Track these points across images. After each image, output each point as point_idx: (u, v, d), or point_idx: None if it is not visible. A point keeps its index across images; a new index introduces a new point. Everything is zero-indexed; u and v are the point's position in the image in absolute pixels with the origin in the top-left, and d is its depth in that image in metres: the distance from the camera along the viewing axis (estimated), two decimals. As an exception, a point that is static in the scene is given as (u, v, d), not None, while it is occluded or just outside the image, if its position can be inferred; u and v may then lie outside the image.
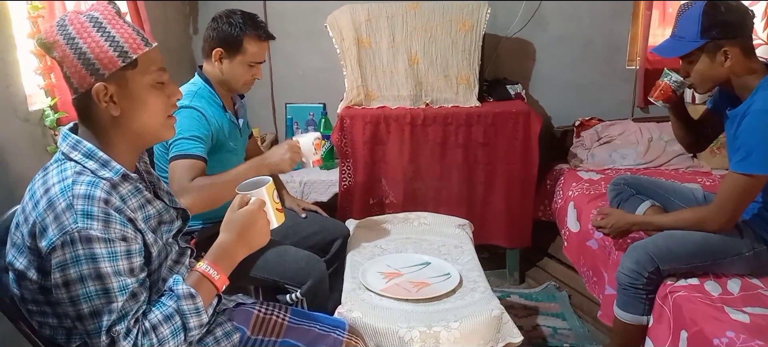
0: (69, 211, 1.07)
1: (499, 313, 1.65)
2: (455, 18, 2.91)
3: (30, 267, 1.14)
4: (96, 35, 1.14)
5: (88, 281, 1.08)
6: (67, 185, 1.10)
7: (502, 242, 2.98)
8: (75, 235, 1.07)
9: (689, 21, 1.81)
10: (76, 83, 1.15)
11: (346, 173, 2.86)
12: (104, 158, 1.17)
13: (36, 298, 1.18)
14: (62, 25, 1.15)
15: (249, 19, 2.00)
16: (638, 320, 1.97)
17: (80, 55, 1.13)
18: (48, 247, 1.07)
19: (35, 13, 1.98)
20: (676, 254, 1.92)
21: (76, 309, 1.09)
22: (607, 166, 3.07)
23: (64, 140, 1.18)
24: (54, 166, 1.17)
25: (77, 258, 1.07)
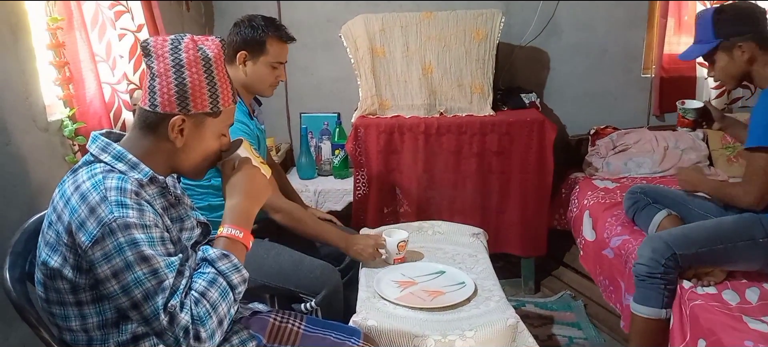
0: (104, 203, 1.10)
1: (514, 322, 1.64)
2: (469, 27, 2.92)
3: (65, 265, 1.15)
4: (202, 74, 1.20)
5: (135, 266, 1.10)
6: (98, 180, 1.13)
7: (517, 251, 2.97)
8: (114, 225, 1.09)
9: (704, 25, 2.01)
10: (159, 101, 1.19)
11: (360, 182, 2.87)
12: (133, 161, 1.20)
13: (63, 299, 1.19)
14: (176, 47, 1.19)
15: (270, 21, 2.07)
16: (657, 313, 1.95)
17: (179, 84, 1.19)
18: (89, 241, 1.09)
19: (54, 25, 2.01)
20: (691, 239, 1.95)
21: (130, 297, 1.11)
22: (622, 175, 3.05)
23: (94, 142, 1.21)
24: (83, 167, 1.20)
25: (120, 246, 1.09)
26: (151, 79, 1.19)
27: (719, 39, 1.96)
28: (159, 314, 1.10)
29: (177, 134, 1.21)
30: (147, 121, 1.22)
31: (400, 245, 2.01)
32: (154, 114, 1.20)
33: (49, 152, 2.02)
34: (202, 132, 1.25)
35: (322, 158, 3.25)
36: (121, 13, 2.41)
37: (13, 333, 1.76)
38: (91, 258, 1.10)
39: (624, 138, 3.23)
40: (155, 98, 1.19)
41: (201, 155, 1.29)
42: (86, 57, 2.10)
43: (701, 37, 2.03)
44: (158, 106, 1.19)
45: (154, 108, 1.20)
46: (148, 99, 1.20)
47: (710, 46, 1.98)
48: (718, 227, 1.98)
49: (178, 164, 1.27)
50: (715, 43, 1.97)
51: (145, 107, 1.21)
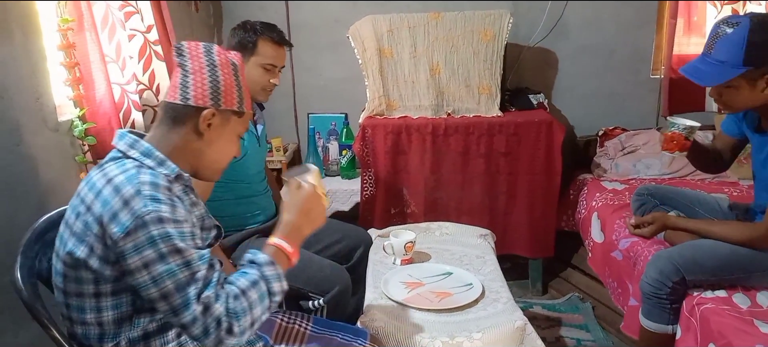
0: (138, 196, 1.13)
1: (522, 324, 1.64)
2: (477, 28, 2.92)
3: (91, 255, 1.16)
4: (231, 76, 1.29)
5: (167, 257, 1.13)
6: (132, 175, 1.16)
7: (525, 252, 2.96)
8: (147, 218, 1.12)
9: (731, 45, 1.71)
10: (192, 94, 1.25)
11: (367, 182, 2.87)
12: (161, 157, 1.24)
13: (81, 290, 1.20)
14: (209, 51, 1.28)
15: (265, 24, 2.06)
16: (663, 329, 1.94)
17: (213, 80, 1.26)
18: (122, 232, 1.11)
19: (65, 26, 2.02)
20: (702, 266, 1.88)
21: (160, 287, 1.13)
22: (631, 176, 3.04)
23: (122, 139, 1.25)
24: (111, 162, 1.23)
25: (152, 239, 1.12)
26: (183, 75, 1.25)
27: (748, 67, 1.69)
28: (190, 304, 1.13)
29: (206, 126, 1.26)
30: (175, 114, 1.26)
31: (408, 246, 2.01)
32: (185, 107, 1.25)
33: (59, 152, 2.04)
34: (226, 129, 1.31)
35: (329, 159, 3.25)
36: (130, 14, 2.42)
37: (23, 332, 1.78)
38: (121, 249, 1.12)
39: (633, 139, 3.21)
40: (188, 92, 1.25)
41: (222, 154, 1.34)
42: (96, 58, 2.11)
43: (723, 58, 1.72)
44: (191, 99, 1.25)
45: (185, 101, 1.25)
46: (180, 94, 1.25)
47: (737, 72, 1.70)
48: (732, 256, 1.86)
49: (200, 161, 1.31)
50: (742, 70, 1.70)
51: (176, 101, 1.25)
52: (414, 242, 2.02)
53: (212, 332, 1.14)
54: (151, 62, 2.55)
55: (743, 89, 1.75)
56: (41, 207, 1.86)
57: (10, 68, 1.82)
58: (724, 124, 2.12)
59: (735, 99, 1.80)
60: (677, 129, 1.98)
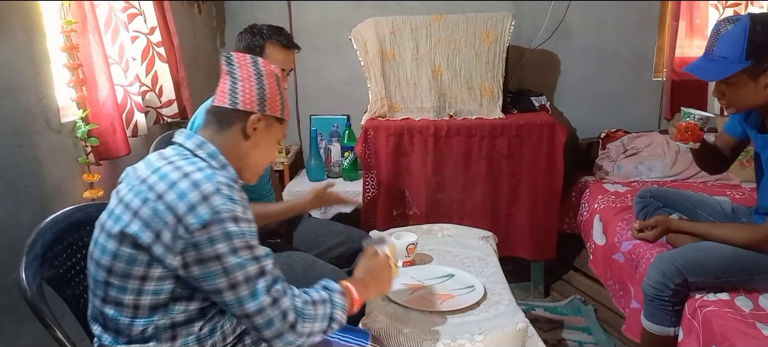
0: (217, 194, 1.20)
1: (524, 326, 1.64)
2: (479, 30, 2.92)
3: (157, 242, 1.20)
4: (274, 85, 1.39)
5: (239, 251, 1.21)
6: (209, 174, 1.24)
7: (527, 254, 2.96)
8: (224, 214, 1.20)
9: (732, 41, 1.71)
10: (241, 99, 1.34)
11: (369, 184, 2.88)
12: (224, 162, 1.34)
13: (130, 272, 1.23)
14: (255, 61, 1.38)
15: (272, 28, 2.07)
16: (665, 331, 1.94)
17: (260, 88, 1.36)
18: (199, 224, 1.18)
19: (68, 28, 2.03)
20: (705, 268, 1.88)
21: (230, 277, 1.21)
22: (633, 178, 3.03)
23: (189, 138, 1.34)
24: (179, 157, 1.29)
25: (227, 233, 1.20)
26: (232, 82, 1.35)
27: (750, 61, 1.69)
28: (259, 295, 1.23)
29: (252, 130, 1.35)
30: (224, 117, 1.35)
31: (409, 248, 2.01)
32: (234, 111, 1.34)
33: (62, 153, 2.04)
34: (269, 134, 1.40)
35: (331, 160, 3.26)
36: (134, 16, 2.43)
37: (25, 333, 1.78)
38: (195, 240, 1.19)
39: (635, 142, 3.21)
40: (237, 97, 1.34)
41: (263, 157, 1.44)
42: (99, 59, 2.12)
43: (724, 54, 1.73)
44: (239, 104, 1.34)
45: (234, 105, 1.34)
46: (229, 99, 1.34)
47: (738, 67, 1.70)
48: (735, 258, 1.86)
49: (244, 162, 1.39)
50: (745, 65, 1.69)
51: (225, 105, 1.34)
52: (416, 244, 2.03)
53: (276, 323, 1.24)
54: (154, 64, 2.56)
55: (746, 86, 1.75)
56: (45, 208, 1.87)
57: (14, 69, 1.83)
58: (726, 124, 2.11)
59: (738, 97, 1.79)
60: (692, 119, 1.94)
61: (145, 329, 1.26)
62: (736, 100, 1.81)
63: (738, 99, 1.80)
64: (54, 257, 1.43)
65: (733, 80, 1.75)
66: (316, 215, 2.82)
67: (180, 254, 1.20)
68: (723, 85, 1.80)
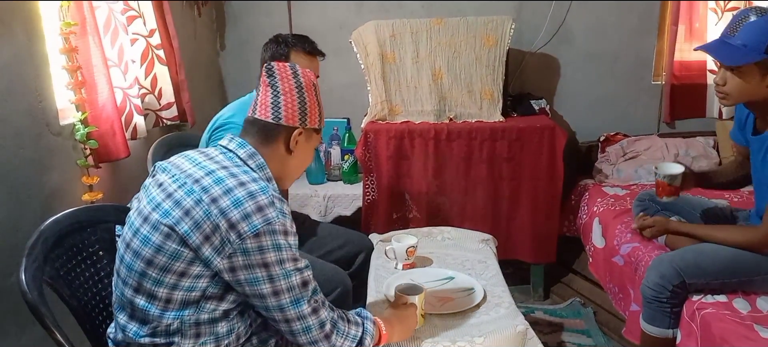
0: (271, 207, 1.26)
1: (523, 329, 1.64)
2: (479, 33, 2.92)
3: (206, 243, 1.24)
4: (313, 96, 1.43)
5: (286, 262, 1.28)
6: (264, 186, 1.29)
7: (527, 257, 2.96)
8: (276, 226, 1.26)
9: (758, 31, 1.72)
10: (283, 115, 1.38)
11: (369, 187, 2.87)
12: (269, 175, 1.39)
13: (170, 266, 1.26)
14: (296, 73, 1.41)
15: (297, 36, 2.12)
16: (664, 333, 1.94)
17: (301, 102, 1.40)
18: (252, 232, 1.23)
19: (68, 30, 2.03)
20: (703, 270, 1.88)
21: (273, 284, 1.27)
22: (632, 181, 3.04)
23: (242, 147, 1.37)
24: (231, 164, 1.33)
25: (277, 244, 1.26)
26: (274, 95, 1.38)
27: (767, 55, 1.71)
28: (301, 303, 1.30)
29: (294, 144, 1.40)
30: (267, 130, 1.39)
31: (409, 251, 2.01)
32: (277, 126, 1.38)
33: (61, 155, 2.04)
34: (308, 145, 1.46)
35: (331, 164, 3.26)
36: (133, 19, 2.43)
37: (27, 336, 1.78)
38: (245, 247, 1.23)
39: (634, 145, 3.21)
40: (280, 112, 1.38)
41: (302, 166, 1.50)
42: (99, 61, 2.12)
43: (746, 42, 1.73)
44: (282, 119, 1.38)
45: (278, 120, 1.38)
46: (272, 113, 1.38)
47: (756, 57, 1.72)
48: (734, 260, 1.86)
49: (283, 172, 1.45)
50: (762, 57, 1.71)
51: (268, 119, 1.38)
52: (416, 246, 2.02)
53: (314, 331, 1.32)
54: (154, 66, 2.56)
55: (751, 78, 1.75)
56: (45, 211, 1.87)
57: (13, 71, 1.83)
58: (732, 134, 2.12)
59: (739, 87, 1.79)
60: (659, 177, 2.05)
61: (172, 323, 1.29)
62: (736, 90, 1.80)
63: (738, 90, 1.79)
64: (55, 260, 1.43)
65: (744, 70, 1.75)
66: (317, 217, 2.82)
67: (228, 257, 1.24)
68: (729, 72, 1.80)
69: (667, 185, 2.04)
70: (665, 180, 2.04)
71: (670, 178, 2.03)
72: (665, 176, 2.04)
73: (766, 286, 1.89)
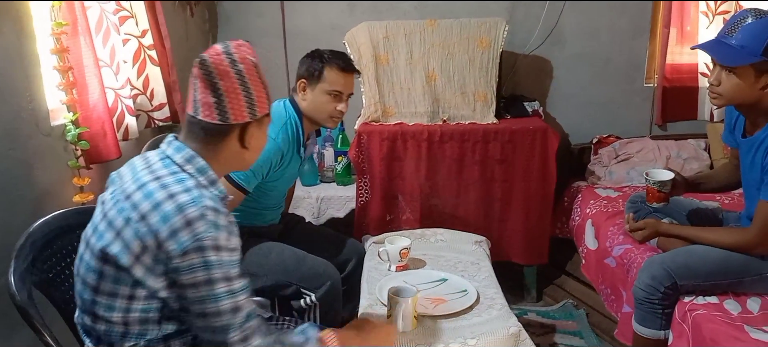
0: (201, 220, 1.15)
1: (516, 330, 1.64)
2: (473, 35, 2.93)
3: (137, 264, 1.17)
4: (257, 80, 1.30)
5: (217, 283, 1.17)
6: (196, 196, 1.18)
7: (519, 259, 2.96)
8: (207, 243, 1.15)
9: (755, 33, 1.74)
10: (231, 115, 1.26)
11: (363, 189, 2.87)
12: (213, 177, 1.28)
13: (116, 291, 1.20)
14: (233, 61, 1.26)
15: (333, 53, 2.11)
16: (656, 334, 1.95)
17: (247, 95, 1.27)
18: (180, 250, 1.15)
19: (59, 30, 2.01)
20: (694, 271, 1.90)
21: (203, 306, 1.18)
22: (624, 183, 3.05)
23: (179, 151, 1.26)
24: (166, 172, 1.23)
25: (207, 263, 1.16)
26: (217, 97, 1.25)
27: (765, 57, 1.73)
28: (229, 331, 1.19)
29: (250, 138, 1.31)
30: (214, 132, 1.27)
31: (403, 253, 2.01)
32: (227, 126, 1.27)
33: (52, 156, 2.03)
34: (261, 130, 1.36)
35: (324, 165, 3.25)
36: (125, 19, 2.42)
37: (18, 338, 1.76)
38: (175, 266, 1.16)
39: (626, 147, 3.23)
40: (226, 113, 1.26)
41: (258, 152, 1.39)
42: (90, 62, 2.11)
43: (745, 43, 1.75)
44: (231, 118, 1.26)
45: (226, 121, 1.26)
46: (218, 115, 1.26)
47: (753, 59, 1.74)
48: (725, 262, 1.88)
49: (239, 164, 1.37)
50: (758, 59, 1.73)
51: (215, 121, 1.26)
52: (409, 248, 2.02)
53: None
54: (146, 67, 2.55)
55: (746, 80, 1.77)
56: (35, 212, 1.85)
57: (4, 72, 1.81)
58: (724, 137, 2.14)
59: (733, 88, 1.80)
60: (649, 183, 2.07)
61: (136, 344, 1.23)
62: (730, 91, 1.81)
63: (732, 91, 1.81)
64: (44, 262, 1.42)
65: (740, 71, 1.77)
66: (310, 219, 2.81)
67: (162, 276, 1.18)
68: (724, 73, 1.81)
69: (657, 192, 2.06)
70: (655, 186, 2.06)
71: (660, 184, 2.05)
72: (655, 182, 2.06)
73: (755, 287, 1.90)
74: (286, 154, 2.05)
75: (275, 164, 2.03)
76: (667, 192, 2.06)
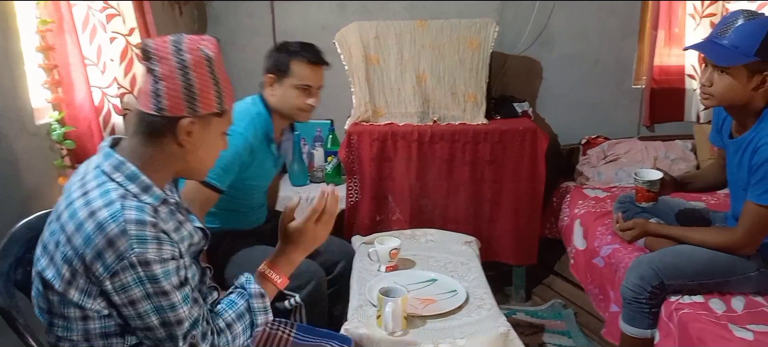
0: (124, 237, 1.08)
1: (505, 330, 1.64)
2: (463, 36, 2.93)
3: (70, 288, 1.12)
4: (207, 75, 1.17)
5: (153, 298, 1.12)
6: (116, 210, 1.09)
7: (509, 259, 2.97)
8: (133, 259, 1.08)
9: (748, 34, 1.75)
10: (166, 104, 1.15)
11: (353, 189, 2.86)
12: (146, 183, 1.17)
13: (68, 314, 1.16)
14: (178, 49, 1.15)
15: (301, 45, 2.06)
16: (643, 334, 1.97)
17: (187, 85, 1.15)
18: (107, 273, 1.09)
19: (44, 27, 1.99)
20: (681, 271, 1.92)
21: (145, 322, 1.14)
22: (613, 184, 3.06)
23: (107, 158, 1.17)
24: (94, 184, 1.15)
25: (139, 280, 1.10)
26: (154, 82, 1.14)
27: (757, 58, 1.73)
28: (175, 341, 1.16)
29: (185, 137, 1.18)
30: (152, 125, 1.17)
31: (393, 253, 2.00)
32: (160, 118, 1.15)
33: (37, 156, 2.00)
34: (209, 133, 1.22)
35: (314, 165, 3.24)
36: (112, 16, 2.39)
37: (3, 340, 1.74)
38: (107, 288, 1.10)
39: (615, 148, 3.25)
40: (161, 101, 1.14)
41: (207, 157, 1.27)
42: (76, 60, 2.08)
43: (738, 43, 1.75)
44: (165, 109, 1.15)
45: (160, 112, 1.15)
46: (153, 103, 1.14)
47: (745, 59, 1.74)
48: (711, 262, 1.90)
49: (184, 168, 1.25)
50: (751, 60, 1.73)
51: (150, 111, 1.15)
52: (399, 249, 2.02)
53: None
54: (133, 66, 2.52)
55: (739, 80, 1.77)
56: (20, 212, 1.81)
57: (-11, 70, 1.79)
58: (711, 138, 2.15)
59: (725, 89, 1.80)
60: (638, 183, 2.08)
61: None
62: (721, 91, 1.81)
63: (724, 91, 1.81)
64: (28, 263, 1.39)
65: (732, 71, 1.77)
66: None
67: (99, 297, 1.13)
68: (716, 73, 1.81)
69: (647, 191, 2.07)
70: (644, 186, 2.07)
71: (649, 184, 2.07)
72: (644, 181, 2.07)
73: (741, 286, 1.92)
74: (257, 149, 2.01)
75: (246, 161, 1.98)
76: (656, 192, 2.07)
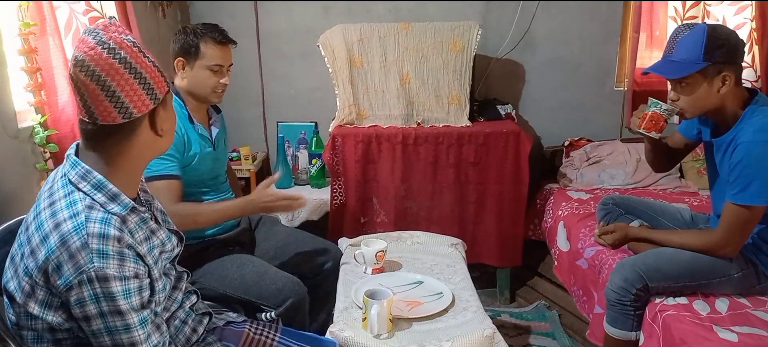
0: (84, 250, 1.07)
1: (491, 332, 1.65)
2: (446, 39, 2.94)
3: (30, 301, 1.12)
4: (145, 61, 1.16)
5: (108, 317, 1.09)
6: (79, 223, 1.09)
7: (493, 261, 2.98)
8: (92, 274, 1.07)
9: (690, 44, 1.80)
10: (133, 109, 1.14)
11: (337, 191, 2.86)
12: (113, 192, 1.16)
13: (36, 326, 1.15)
14: (113, 52, 1.11)
15: (206, 26, 2.03)
16: (627, 336, 1.98)
17: (143, 82, 1.14)
18: (64, 286, 1.07)
19: (26, 30, 1.97)
20: (665, 273, 1.93)
21: (98, 340, 1.11)
22: (596, 186, 3.10)
23: (73, 168, 1.16)
24: (61, 194, 1.14)
25: (96, 296, 1.08)
26: (110, 95, 1.11)
27: (707, 62, 1.77)
28: None
29: (161, 123, 1.20)
30: (122, 131, 1.16)
31: (379, 255, 2.00)
32: (131, 122, 1.15)
33: (19, 159, 1.98)
34: (169, 108, 1.25)
35: (299, 167, 3.23)
36: (95, 19, 2.37)
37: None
38: (65, 299, 1.09)
39: (597, 150, 3.28)
40: (128, 108, 1.13)
41: (172, 132, 1.29)
42: (59, 63, 2.06)
43: (683, 56, 1.81)
44: (134, 112, 1.14)
45: (130, 117, 1.14)
46: (120, 113, 1.13)
47: (697, 67, 1.78)
48: (693, 264, 1.92)
49: (156, 150, 1.26)
50: (702, 65, 1.77)
51: (118, 121, 1.13)
52: (385, 251, 2.02)
53: None
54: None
55: (700, 88, 1.81)
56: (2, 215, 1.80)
57: (-31, 73, 1.76)
58: (681, 126, 2.18)
59: (692, 98, 1.84)
60: (659, 109, 1.97)
61: None
62: (690, 103, 1.86)
63: (692, 101, 1.85)
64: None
65: (690, 81, 1.82)
66: (284, 222, 2.79)
67: (59, 309, 1.12)
68: (679, 86, 1.86)
69: (663, 120, 1.96)
70: (665, 113, 1.95)
71: (669, 112, 1.95)
72: (666, 109, 1.94)
73: (723, 288, 1.94)
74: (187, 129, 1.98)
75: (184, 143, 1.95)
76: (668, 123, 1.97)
